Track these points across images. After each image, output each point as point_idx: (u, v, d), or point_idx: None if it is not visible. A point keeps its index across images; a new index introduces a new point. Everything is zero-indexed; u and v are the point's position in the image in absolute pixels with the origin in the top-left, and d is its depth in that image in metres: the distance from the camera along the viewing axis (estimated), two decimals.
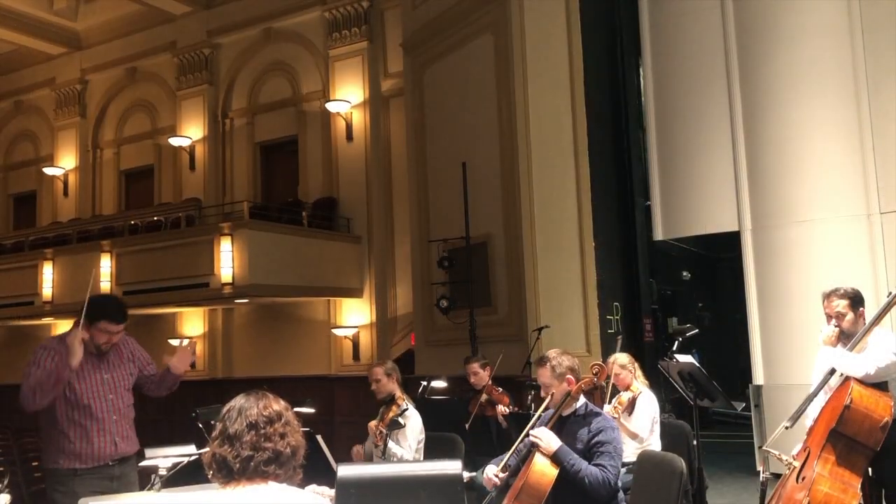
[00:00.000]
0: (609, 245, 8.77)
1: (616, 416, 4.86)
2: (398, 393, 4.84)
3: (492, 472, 3.73)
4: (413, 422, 4.73)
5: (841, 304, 3.85)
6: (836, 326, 3.84)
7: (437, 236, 9.14)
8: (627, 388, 5.17)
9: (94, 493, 3.63)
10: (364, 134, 11.77)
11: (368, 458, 4.86)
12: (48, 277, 11.93)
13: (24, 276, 12.16)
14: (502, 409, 5.64)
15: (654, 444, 5.01)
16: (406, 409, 4.73)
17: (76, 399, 3.88)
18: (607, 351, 7.56)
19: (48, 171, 14.91)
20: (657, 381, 6.21)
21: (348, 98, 11.80)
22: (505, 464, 3.75)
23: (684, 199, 8.43)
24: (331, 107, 11.77)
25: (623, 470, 4.37)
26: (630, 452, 4.78)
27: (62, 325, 13.26)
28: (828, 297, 3.92)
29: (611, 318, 8.44)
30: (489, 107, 8.88)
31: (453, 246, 8.71)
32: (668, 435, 5.13)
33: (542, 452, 3.52)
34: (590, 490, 3.40)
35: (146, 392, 4.24)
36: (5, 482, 2.79)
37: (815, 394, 3.66)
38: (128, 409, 4.08)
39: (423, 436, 4.78)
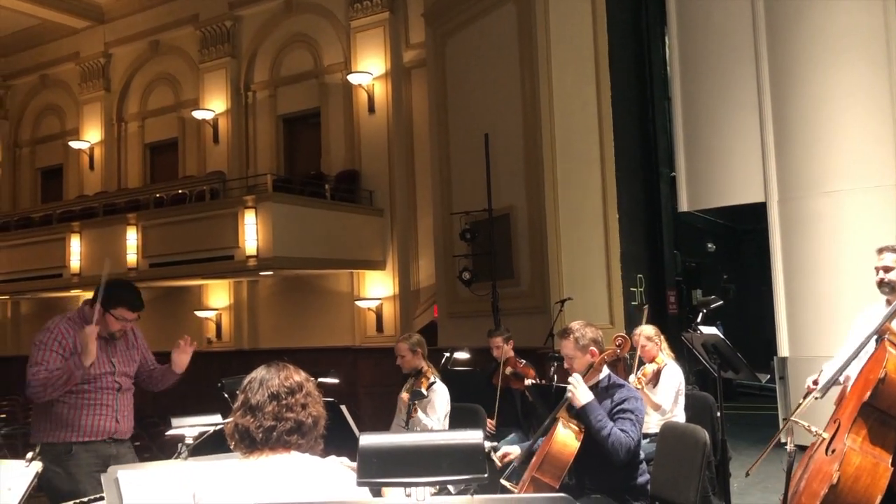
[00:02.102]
0: (633, 216, 8.71)
1: (640, 387, 4.86)
2: (425, 366, 4.89)
3: (501, 453, 3.75)
4: (441, 394, 4.77)
5: (889, 259, 3.75)
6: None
7: (460, 208, 9.12)
8: (653, 360, 5.16)
9: (90, 474, 3.63)
10: (386, 106, 11.73)
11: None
12: (76, 250, 12.09)
13: (52, 248, 12.34)
14: (528, 382, 5.65)
15: (679, 415, 5.01)
16: (434, 383, 4.78)
17: (83, 376, 3.79)
18: (631, 323, 7.55)
19: (74, 144, 15.05)
20: (681, 353, 6.19)
21: (370, 70, 11.75)
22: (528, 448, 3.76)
23: (710, 169, 8.32)
24: (352, 79, 11.73)
25: (646, 441, 4.38)
26: (654, 423, 4.78)
27: (90, 297, 13.46)
28: (880, 251, 3.83)
29: (634, 290, 8.41)
30: (512, 77, 8.79)
31: (476, 218, 8.69)
32: (692, 407, 5.12)
33: (571, 399, 3.52)
34: (611, 450, 3.40)
35: (144, 386, 4.20)
36: (36, 451, 2.84)
37: (848, 363, 3.59)
38: (129, 391, 4.06)
39: (449, 408, 4.83)
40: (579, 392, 3.52)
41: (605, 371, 3.72)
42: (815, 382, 3.84)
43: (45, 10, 14.30)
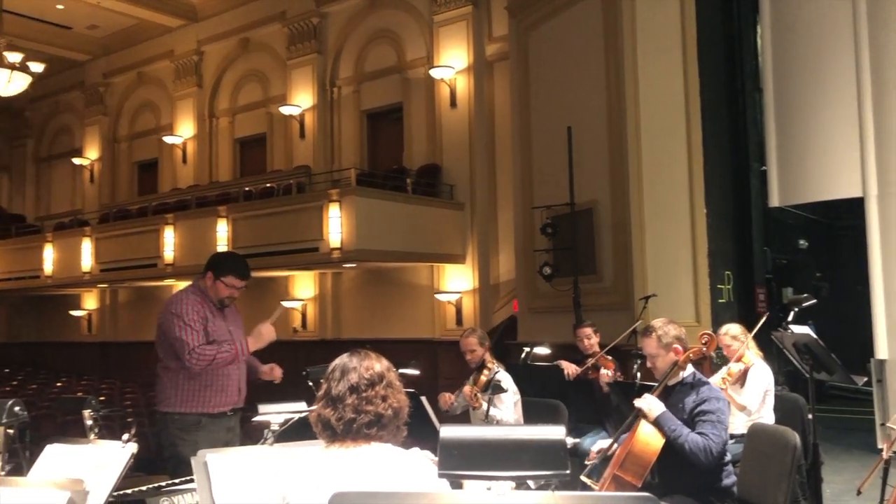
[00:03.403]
0: (721, 212, 8.46)
1: (724, 387, 4.73)
2: (488, 357, 4.89)
3: (597, 448, 3.72)
4: (507, 384, 4.77)
5: None
6: None
7: (541, 202, 9.05)
8: (739, 360, 5.01)
9: (213, 445, 3.85)
10: (468, 100, 11.74)
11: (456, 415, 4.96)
12: (169, 241, 12.58)
13: (148, 239, 12.87)
14: (605, 373, 5.59)
15: (767, 417, 4.85)
16: (497, 372, 4.77)
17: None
18: (717, 321, 7.35)
19: (168, 139, 15.62)
20: (770, 353, 6.00)
21: (452, 64, 11.77)
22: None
23: (803, 163, 7.99)
24: (435, 73, 11.78)
25: (732, 442, 4.26)
26: (740, 424, 4.64)
27: (183, 286, 13.96)
28: None
29: (722, 287, 8.17)
30: (596, 69, 8.66)
31: (557, 212, 8.60)
32: (782, 408, 4.95)
33: (644, 418, 3.48)
34: (689, 456, 3.33)
35: None
36: (132, 432, 2.96)
37: None
38: (244, 360, 4.29)
39: (517, 396, 4.82)
40: (647, 407, 3.49)
41: (690, 369, 3.64)
42: None
43: (142, 9, 14.89)
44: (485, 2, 11.78)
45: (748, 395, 4.88)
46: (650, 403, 3.50)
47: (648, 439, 3.44)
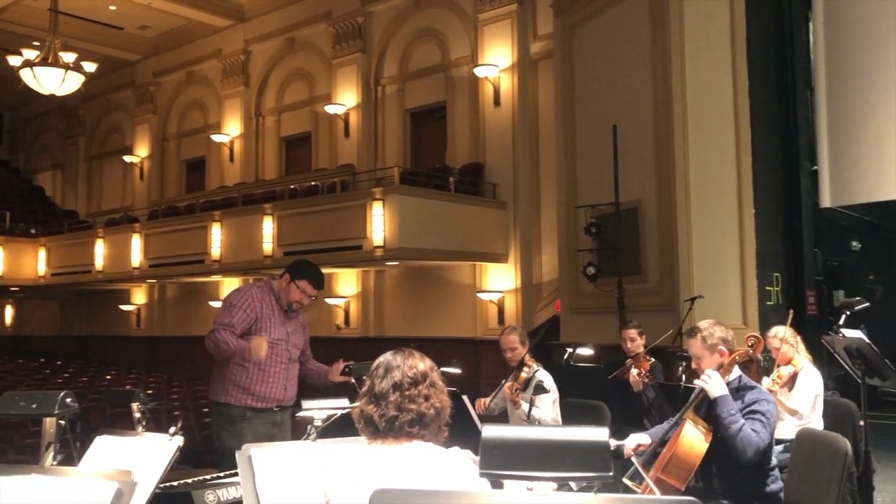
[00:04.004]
0: (770, 212, 8.30)
1: (774, 390, 4.63)
2: (527, 356, 4.87)
3: (633, 444, 3.67)
4: (549, 384, 4.73)
5: None
6: None
7: (585, 202, 8.97)
8: (788, 363, 4.90)
9: (257, 438, 3.93)
10: (512, 98, 11.70)
11: (492, 415, 4.95)
12: (216, 238, 12.77)
13: (195, 236, 13.09)
14: (633, 373, 5.53)
15: (816, 422, 4.74)
16: (537, 371, 4.74)
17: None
18: (765, 323, 7.21)
19: (216, 137, 15.87)
20: (820, 357, 5.86)
21: (496, 62, 11.74)
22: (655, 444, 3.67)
23: (856, 163, 7.79)
24: (479, 72, 11.76)
25: (779, 448, 4.17)
26: (789, 430, 4.55)
27: (229, 283, 14.20)
28: None
29: (770, 289, 8.01)
30: (642, 67, 8.55)
31: (601, 212, 8.52)
32: (832, 414, 4.84)
33: (704, 390, 3.41)
34: (739, 447, 3.27)
35: (303, 374, 4.58)
36: (178, 425, 3.01)
37: None
38: (296, 362, 4.46)
39: (556, 395, 4.79)
40: (712, 383, 3.41)
41: (736, 372, 3.57)
42: None
43: (191, 10, 15.16)
44: (530, 0, 11.73)
45: (798, 399, 4.78)
46: (715, 383, 3.42)
47: (693, 442, 3.38)
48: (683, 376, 5.67)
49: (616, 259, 8.19)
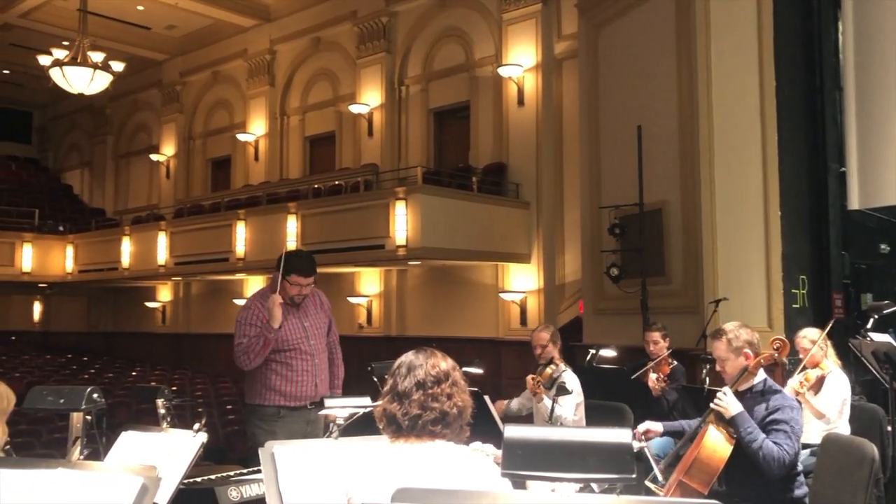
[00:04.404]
0: (797, 214, 8.20)
1: (801, 391, 4.58)
2: (556, 356, 4.85)
3: (642, 429, 3.67)
4: (573, 386, 4.71)
5: None
6: None
7: (609, 202, 8.93)
8: (816, 366, 4.84)
9: (291, 436, 3.97)
10: (535, 98, 11.68)
11: (513, 415, 4.93)
12: (241, 236, 12.88)
13: (220, 234, 13.21)
14: (652, 377, 5.49)
15: (842, 427, 4.68)
16: (564, 371, 4.72)
17: (281, 343, 4.26)
18: (791, 326, 7.13)
19: (241, 137, 15.99)
20: (847, 361, 5.78)
21: (520, 62, 11.72)
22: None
23: (886, 164, 7.68)
24: (503, 71, 11.75)
25: (806, 452, 4.12)
26: (814, 434, 4.49)
27: (253, 281, 14.31)
28: None
29: (796, 292, 7.92)
30: (667, 67, 8.49)
31: (625, 213, 8.48)
32: (858, 419, 4.77)
33: (720, 411, 3.38)
34: (763, 464, 3.23)
35: None
36: (202, 422, 3.04)
37: None
38: (324, 353, 4.46)
39: (581, 398, 4.76)
40: (726, 402, 3.38)
41: (762, 375, 3.53)
42: None
43: (218, 10, 15.29)
44: (555, 0, 11.70)
45: (826, 404, 4.72)
46: (729, 401, 3.40)
47: (716, 446, 3.35)
48: (707, 379, 5.63)
49: (640, 260, 8.14)
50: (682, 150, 8.26)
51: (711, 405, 3.47)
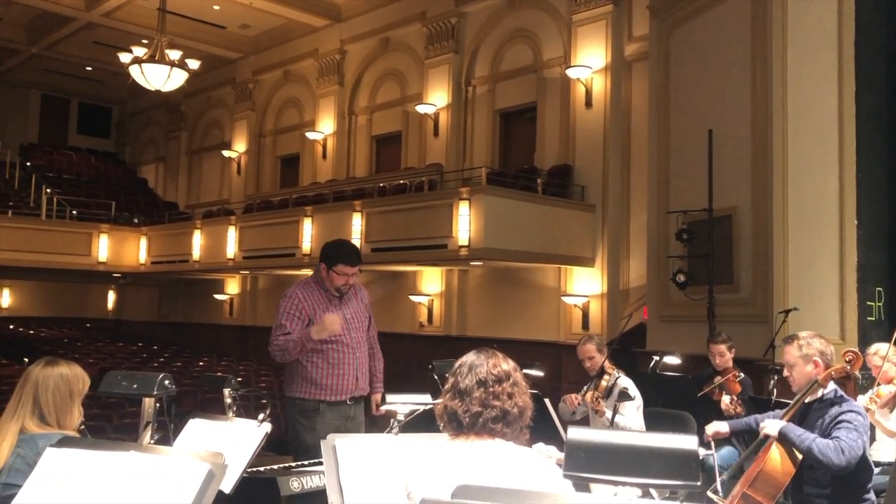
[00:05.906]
0: (875, 223, 7.90)
1: (871, 408, 4.42)
2: (607, 364, 4.78)
3: (711, 430, 3.63)
4: (633, 391, 4.65)
5: None
6: None
7: (677, 207, 8.77)
8: (889, 382, 4.67)
9: (329, 432, 4.00)
10: (604, 100, 11.54)
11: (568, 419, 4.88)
12: (307, 232, 13.10)
13: (288, 230, 13.46)
14: (725, 400, 5.33)
15: None
16: (619, 378, 4.66)
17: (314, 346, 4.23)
18: (865, 339, 6.88)
19: (310, 135, 16.26)
20: None
21: (589, 63, 11.60)
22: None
23: None
24: (571, 73, 11.65)
25: (877, 471, 3.98)
26: (887, 452, 4.33)
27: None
28: None
29: (872, 304, 7.63)
30: (742, 70, 8.29)
31: (694, 218, 8.31)
32: None
33: (768, 436, 3.35)
34: (823, 461, 3.18)
35: None
36: (267, 413, 3.12)
37: None
38: (365, 347, 4.43)
39: (640, 402, 4.69)
40: (769, 427, 3.38)
41: (832, 387, 3.44)
42: None
43: (291, 10, 15.58)
44: (626, 1, 11.54)
45: None
46: (769, 425, 3.40)
47: (782, 459, 3.27)
48: (775, 390, 5.48)
49: (707, 267, 7.98)
50: (754, 155, 8.05)
51: (761, 434, 3.44)
